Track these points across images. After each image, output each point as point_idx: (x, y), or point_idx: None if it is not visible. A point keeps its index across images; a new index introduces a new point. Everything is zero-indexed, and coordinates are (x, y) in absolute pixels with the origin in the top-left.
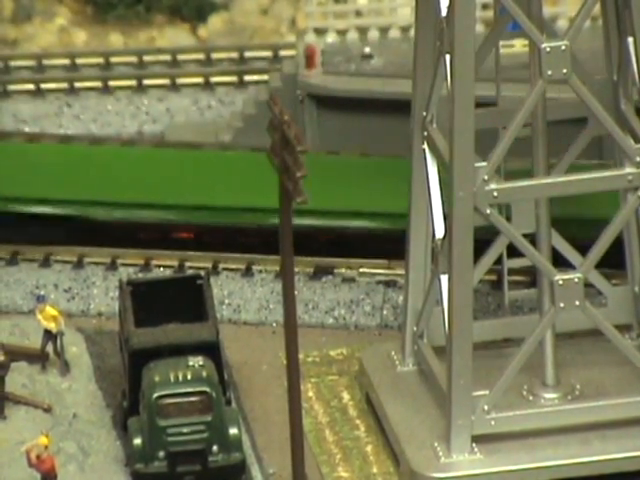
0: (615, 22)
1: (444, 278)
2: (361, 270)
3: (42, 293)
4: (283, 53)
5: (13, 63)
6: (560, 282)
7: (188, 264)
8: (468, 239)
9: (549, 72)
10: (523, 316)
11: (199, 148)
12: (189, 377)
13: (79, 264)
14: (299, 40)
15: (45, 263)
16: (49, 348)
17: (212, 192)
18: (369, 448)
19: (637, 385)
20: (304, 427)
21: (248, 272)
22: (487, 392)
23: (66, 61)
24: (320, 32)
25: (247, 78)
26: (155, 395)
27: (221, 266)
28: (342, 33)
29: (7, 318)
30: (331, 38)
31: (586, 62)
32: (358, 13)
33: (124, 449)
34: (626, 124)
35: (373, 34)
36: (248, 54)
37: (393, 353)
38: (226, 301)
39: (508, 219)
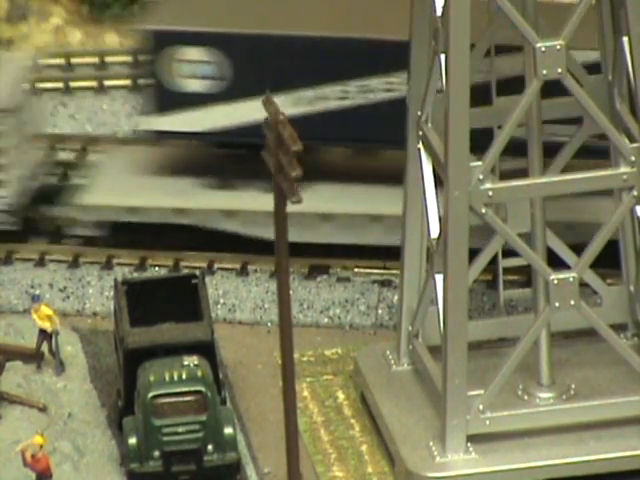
0: (610, 22)
1: (439, 278)
2: (356, 270)
3: (37, 292)
4: None
5: None
6: (555, 281)
7: (183, 263)
8: (463, 239)
9: (544, 72)
10: (518, 315)
11: None
12: (184, 377)
13: (74, 263)
14: None
15: (40, 262)
16: (44, 347)
17: None
18: (364, 448)
19: (632, 385)
20: (299, 426)
21: (243, 271)
22: (482, 392)
23: (61, 61)
24: None
25: None
26: (150, 395)
27: (216, 265)
28: None
29: (2, 317)
30: None
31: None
32: None
33: (119, 448)
34: (621, 123)
35: None
36: None
37: (388, 352)
38: (221, 300)
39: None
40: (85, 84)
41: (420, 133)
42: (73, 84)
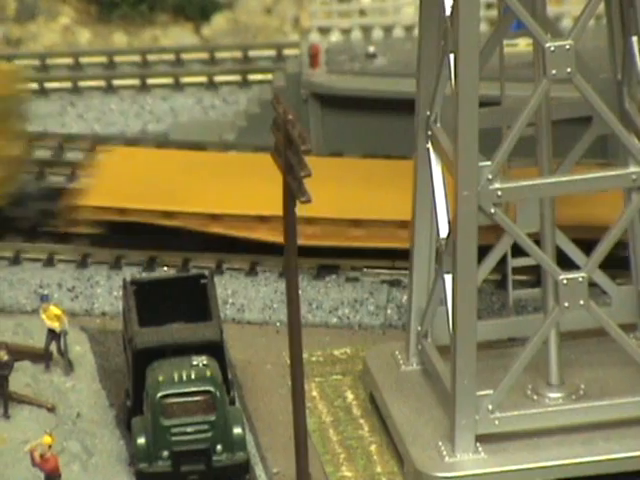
0: (619, 21)
1: (448, 277)
2: (365, 269)
3: (46, 292)
4: (287, 52)
5: (17, 62)
6: (564, 281)
7: (192, 263)
8: (472, 238)
9: (553, 71)
10: (527, 315)
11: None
12: (193, 376)
13: (83, 263)
14: (303, 39)
15: (49, 262)
16: (53, 347)
17: None
18: (373, 448)
19: None
20: (308, 426)
21: (252, 271)
22: (491, 392)
23: (70, 60)
24: (324, 31)
25: (251, 77)
26: (159, 394)
27: (225, 265)
28: (346, 32)
29: (11, 317)
30: (335, 37)
31: (590, 61)
32: (362, 12)
33: (128, 448)
34: (630, 123)
35: (377, 33)
36: (252, 53)
37: (397, 352)
38: (230, 300)
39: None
40: (93, 84)
41: (429, 133)
42: (81, 84)
